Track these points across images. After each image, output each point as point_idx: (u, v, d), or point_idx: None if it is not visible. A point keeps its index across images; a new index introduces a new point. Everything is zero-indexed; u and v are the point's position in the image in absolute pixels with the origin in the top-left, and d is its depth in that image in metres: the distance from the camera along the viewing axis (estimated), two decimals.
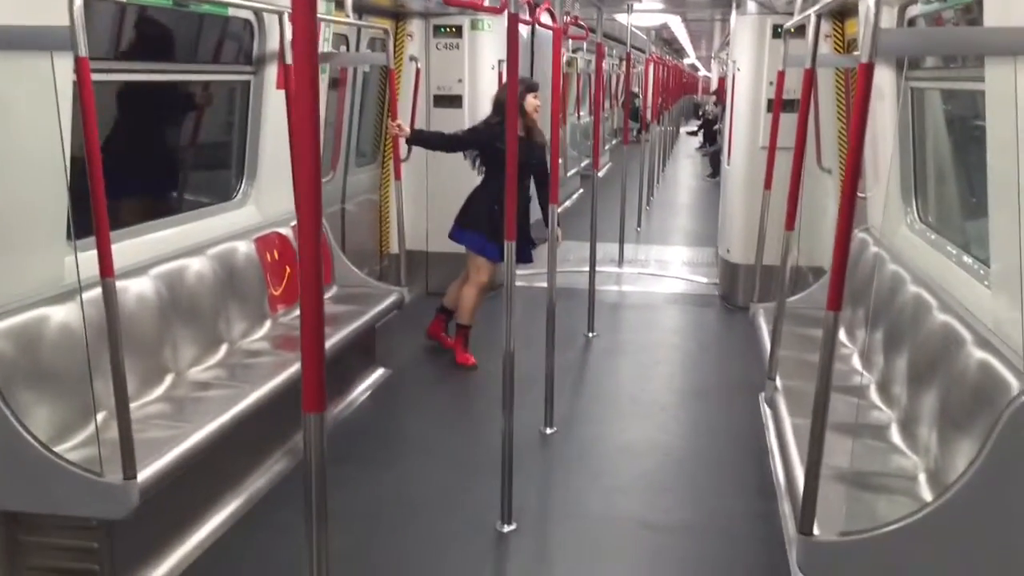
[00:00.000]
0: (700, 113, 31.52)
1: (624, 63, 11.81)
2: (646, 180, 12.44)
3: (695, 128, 27.82)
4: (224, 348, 4.53)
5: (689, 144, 25.91)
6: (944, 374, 3.36)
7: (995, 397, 2.86)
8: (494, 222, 5.63)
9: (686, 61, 29.79)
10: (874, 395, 4.11)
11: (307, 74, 1.79)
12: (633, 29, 11.80)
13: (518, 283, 4.10)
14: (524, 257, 5.81)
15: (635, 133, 12.80)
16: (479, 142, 5.88)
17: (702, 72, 33.81)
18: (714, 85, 26.65)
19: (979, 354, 3.13)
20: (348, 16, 5.17)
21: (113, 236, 2.96)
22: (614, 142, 17.88)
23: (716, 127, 17.22)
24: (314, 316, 1.85)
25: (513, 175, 3.70)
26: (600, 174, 15.12)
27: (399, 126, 5.70)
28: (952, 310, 3.59)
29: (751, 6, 7.37)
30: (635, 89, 18.10)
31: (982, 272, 3.64)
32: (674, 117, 19.40)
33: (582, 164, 14.96)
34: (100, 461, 3.02)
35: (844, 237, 2.62)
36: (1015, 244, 2.94)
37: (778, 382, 4.21)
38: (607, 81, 16.11)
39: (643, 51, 16.49)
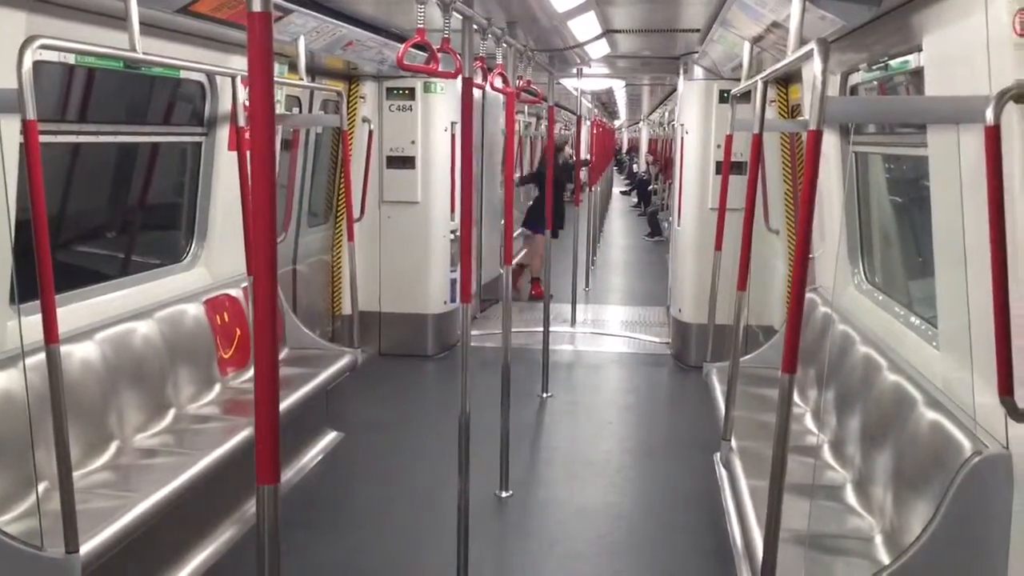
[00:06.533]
0: (627, 172, 31.97)
1: (576, 126, 12.02)
2: (587, 240, 12.57)
3: (627, 188, 28.26)
4: (172, 413, 4.42)
5: (623, 202, 26.28)
6: (897, 434, 3.39)
7: (948, 458, 2.88)
8: (540, 217, 9.47)
9: (616, 123, 30.43)
10: (828, 455, 4.13)
11: (264, 134, 1.78)
12: (573, 92, 12.02)
13: (472, 343, 4.07)
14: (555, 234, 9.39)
15: (569, 194, 13.05)
16: (536, 176, 11.63)
17: (617, 126, 34.39)
18: (643, 145, 27.16)
19: (931, 415, 3.17)
20: (302, 78, 5.18)
21: (58, 299, 2.88)
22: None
23: (651, 188, 17.41)
24: (268, 386, 1.81)
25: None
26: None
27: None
28: (902, 370, 3.64)
29: (698, 71, 7.55)
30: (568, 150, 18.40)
31: (930, 332, 3.70)
32: (606, 176, 19.70)
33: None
34: (41, 534, 2.90)
35: (797, 301, 2.65)
36: (962, 305, 3.00)
37: (733, 443, 4.21)
38: (532, 143, 16.39)
39: (573, 112, 16.78)
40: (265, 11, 1.72)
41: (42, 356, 2.89)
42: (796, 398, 4.81)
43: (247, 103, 4.72)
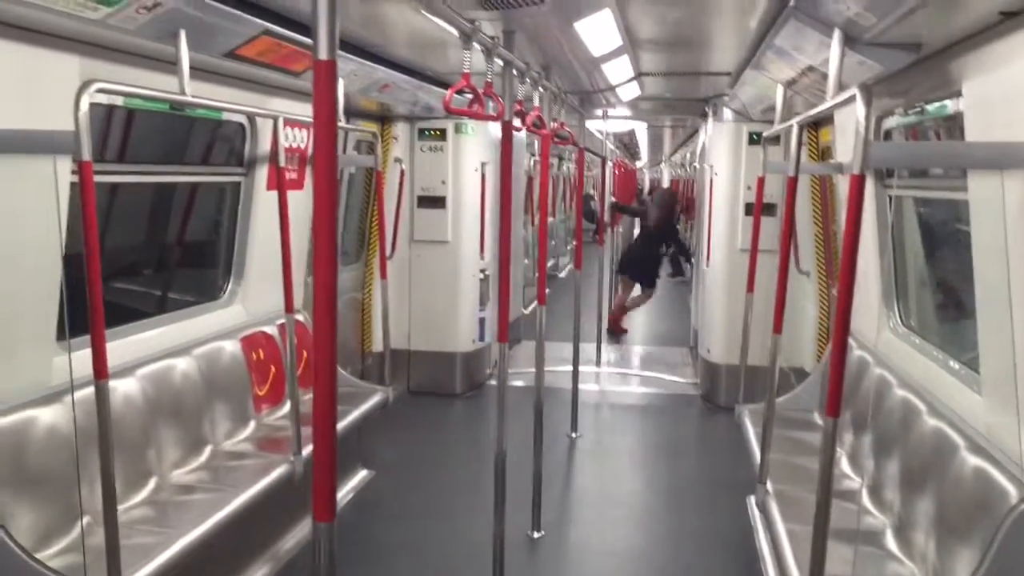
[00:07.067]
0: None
1: (602, 166, 12.12)
2: (609, 279, 12.61)
3: None
4: (208, 450, 4.45)
5: None
6: (939, 480, 3.36)
7: (993, 505, 2.86)
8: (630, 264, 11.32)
9: (638, 164, 30.55)
10: (866, 499, 4.09)
11: (327, 176, 1.83)
12: (598, 135, 12.13)
13: (493, 381, 4.09)
14: (648, 283, 11.24)
15: (592, 234, 13.13)
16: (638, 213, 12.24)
17: (639, 167, 34.51)
18: (664, 184, 27.25)
19: (974, 460, 3.14)
20: (340, 120, 5.26)
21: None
22: (574, 243, 18.13)
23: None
24: (326, 424, 1.83)
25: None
26: (561, 275, 15.29)
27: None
28: (942, 415, 3.61)
29: (727, 113, 7.60)
30: (590, 191, 18.53)
31: (969, 377, 3.67)
32: (627, 218, 19.86)
33: (548, 264, 15.12)
34: (84, 568, 2.92)
35: (840, 345, 2.65)
36: (1006, 350, 2.99)
37: (769, 486, 4.18)
38: (554, 184, 16.52)
39: (598, 154, 16.90)
40: (331, 59, 1.77)
41: (86, 392, 2.94)
42: None
43: (287, 144, 4.83)
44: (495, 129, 7.43)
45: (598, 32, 4.79)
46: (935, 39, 3.23)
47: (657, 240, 11.43)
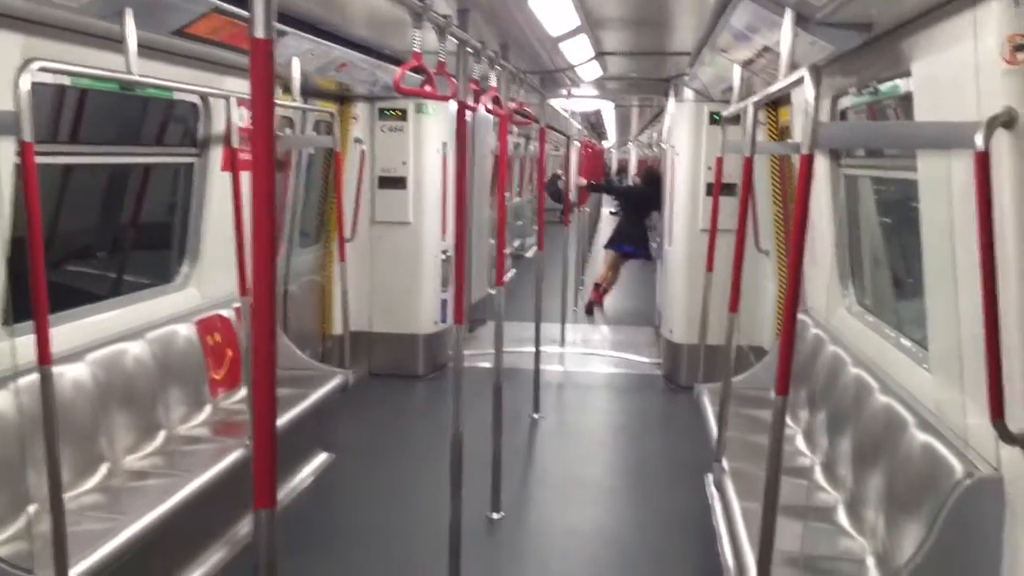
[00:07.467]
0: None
1: (567, 146, 12.09)
2: (575, 261, 12.63)
3: (616, 208, 28.21)
4: (162, 435, 4.40)
5: (611, 223, 26.28)
6: (889, 456, 3.40)
7: (940, 480, 2.90)
8: (621, 236, 11.39)
9: (605, 143, 30.55)
10: (819, 476, 4.14)
11: (264, 156, 1.79)
12: (563, 113, 12.10)
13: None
14: (643, 255, 11.49)
15: (559, 215, 13.14)
16: (624, 194, 12.47)
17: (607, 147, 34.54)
18: (632, 166, 27.22)
19: (922, 437, 3.18)
20: (295, 99, 5.20)
21: (50, 320, 2.87)
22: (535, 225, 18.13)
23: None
24: (267, 410, 1.81)
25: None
26: (528, 255, 15.31)
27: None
28: (894, 392, 3.66)
29: (688, 93, 7.60)
30: (558, 171, 18.51)
31: (920, 354, 3.72)
32: (594, 197, 19.84)
33: (513, 245, 15.13)
34: (32, 557, 2.88)
35: (790, 323, 2.67)
36: (952, 328, 3.03)
37: (725, 464, 4.22)
38: (521, 164, 16.52)
39: (563, 133, 16.92)
40: (268, 37, 1.73)
41: (32, 377, 2.89)
42: (787, 419, 4.81)
43: (241, 124, 4.76)
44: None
45: (555, 11, 4.78)
46: (885, 19, 3.24)
47: (642, 215, 11.62)
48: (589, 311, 11.45)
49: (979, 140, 2.38)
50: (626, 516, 5.29)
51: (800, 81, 2.63)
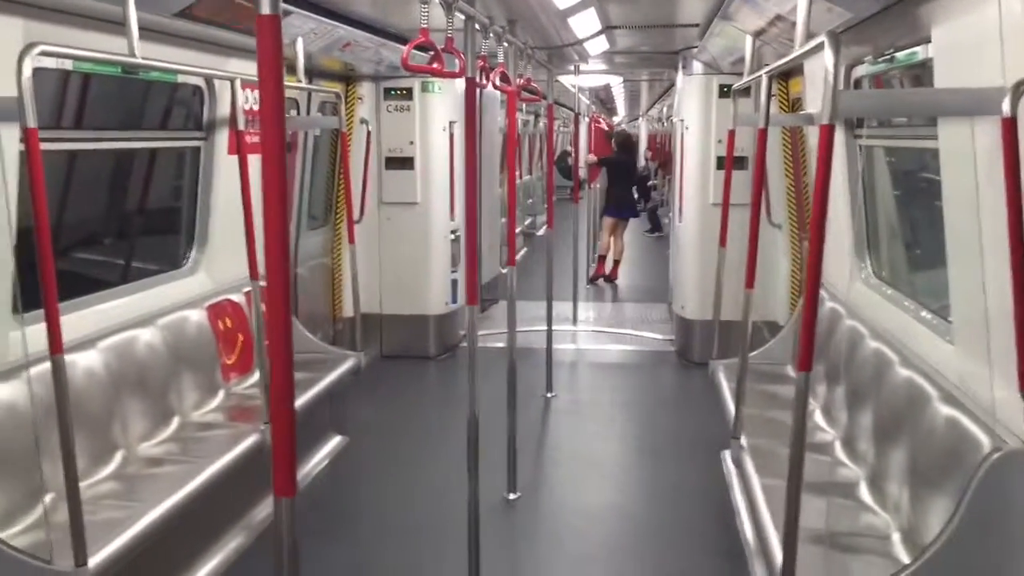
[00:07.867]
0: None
1: (575, 122, 11.99)
2: (586, 237, 12.57)
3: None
4: (176, 421, 4.38)
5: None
6: (911, 430, 3.35)
7: (966, 454, 2.85)
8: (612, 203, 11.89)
9: (615, 119, 30.35)
10: (840, 452, 4.10)
11: (274, 137, 1.75)
12: (571, 89, 12.00)
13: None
14: (632, 214, 12.49)
15: (569, 192, 13.10)
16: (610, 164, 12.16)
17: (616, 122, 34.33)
18: (643, 142, 27.07)
19: (947, 410, 3.13)
20: (300, 80, 5.14)
21: (60, 308, 2.84)
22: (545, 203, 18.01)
23: (650, 183, 17.34)
24: (284, 397, 1.77)
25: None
26: (539, 233, 15.25)
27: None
28: (914, 365, 3.60)
29: (697, 66, 7.51)
30: (567, 148, 18.41)
31: (942, 327, 3.66)
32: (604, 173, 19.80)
33: (525, 223, 15.06)
34: (50, 547, 2.86)
35: (812, 298, 2.61)
36: (977, 299, 2.97)
37: (743, 441, 4.18)
38: (531, 141, 16.40)
39: (572, 109, 16.82)
40: (274, 13, 1.69)
41: (45, 366, 2.86)
42: None
43: (246, 106, 4.70)
44: (463, 87, 7.31)
45: None
46: None
47: (625, 179, 12.14)
48: (594, 280, 11.78)
49: (1006, 106, 2.32)
50: (642, 494, 5.27)
51: (818, 48, 2.56)
